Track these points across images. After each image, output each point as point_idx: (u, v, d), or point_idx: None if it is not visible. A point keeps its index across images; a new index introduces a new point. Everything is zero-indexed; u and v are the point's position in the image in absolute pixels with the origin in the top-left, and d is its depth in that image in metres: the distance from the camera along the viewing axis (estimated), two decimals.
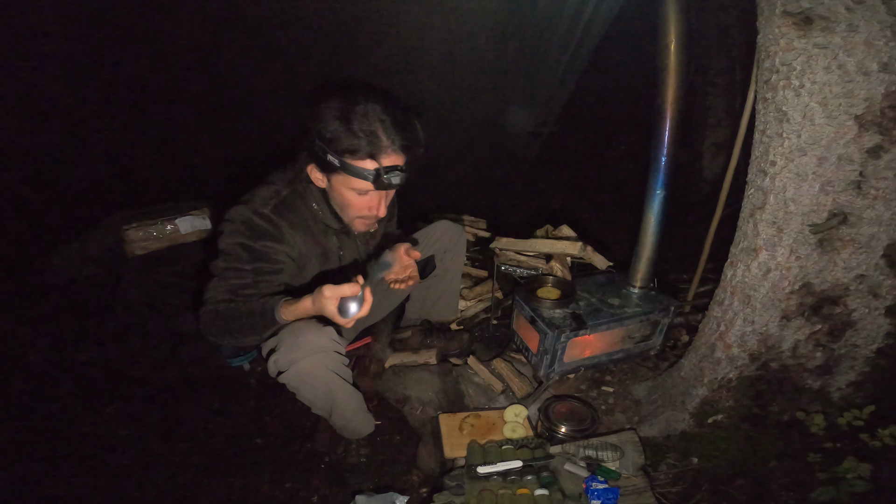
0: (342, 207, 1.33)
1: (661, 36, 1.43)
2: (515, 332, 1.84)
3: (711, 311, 1.47)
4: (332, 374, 1.30)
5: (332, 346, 1.26)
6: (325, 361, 1.27)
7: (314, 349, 1.23)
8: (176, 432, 1.75)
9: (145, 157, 2.71)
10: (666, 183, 1.55)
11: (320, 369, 1.27)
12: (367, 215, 1.33)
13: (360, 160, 1.19)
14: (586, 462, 1.36)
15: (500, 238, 2.02)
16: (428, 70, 2.33)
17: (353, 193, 1.27)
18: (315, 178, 1.30)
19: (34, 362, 1.97)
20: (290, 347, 1.22)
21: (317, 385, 1.29)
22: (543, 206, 3.90)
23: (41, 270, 2.22)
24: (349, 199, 1.28)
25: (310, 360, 1.23)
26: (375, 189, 1.25)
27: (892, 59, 1.08)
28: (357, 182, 1.22)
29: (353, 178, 1.21)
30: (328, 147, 1.19)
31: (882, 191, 1.16)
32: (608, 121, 5.22)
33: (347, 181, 1.23)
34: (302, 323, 1.24)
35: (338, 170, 1.21)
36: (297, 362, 1.22)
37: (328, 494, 1.53)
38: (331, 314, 1.07)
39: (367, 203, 1.29)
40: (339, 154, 1.18)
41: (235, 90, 2.38)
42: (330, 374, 1.29)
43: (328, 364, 1.28)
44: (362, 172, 1.20)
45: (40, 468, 1.56)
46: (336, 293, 1.05)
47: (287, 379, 1.25)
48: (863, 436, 1.25)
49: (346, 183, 1.24)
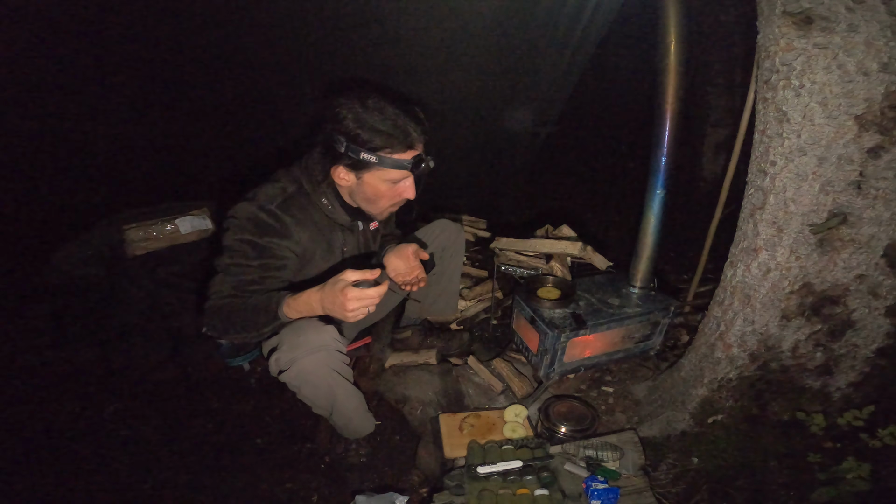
0: (373, 200, 1.36)
1: (661, 36, 1.43)
2: (515, 332, 1.84)
3: (711, 311, 1.47)
4: (334, 372, 1.30)
5: (334, 345, 1.26)
6: (327, 360, 1.27)
7: (315, 347, 1.23)
8: (176, 432, 1.75)
9: (145, 157, 2.72)
10: (666, 183, 1.55)
11: (322, 368, 1.27)
12: (399, 200, 1.39)
13: (398, 153, 1.26)
14: (586, 462, 1.36)
15: (500, 238, 2.02)
16: (428, 70, 2.33)
17: (388, 185, 1.32)
18: (341, 179, 1.33)
19: (34, 362, 1.97)
20: (291, 346, 1.22)
21: (318, 384, 1.30)
22: (543, 206, 3.90)
23: (41, 270, 2.22)
24: (383, 190, 1.33)
25: (311, 358, 1.23)
26: (414, 175, 1.32)
27: (892, 59, 1.08)
28: (395, 173, 1.29)
29: (391, 170, 1.28)
30: (362, 147, 1.24)
31: (882, 191, 1.16)
32: (608, 121, 5.23)
33: (385, 174, 1.29)
34: (304, 322, 1.24)
35: (374, 166, 1.27)
36: (298, 360, 1.22)
37: (328, 494, 1.53)
38: (341, 304, 1.10)
39: (400, 190, 1.35)
40: (375, 151, 1.24)
41: (235, 90, 2.38)
42: (331, 373, 1.30)
43: (329, 362, 1.28)
44: (402, 163, 1.27)
45: (40, 468, 1.56)
46: (351, 276, 1.11)
47: (288, 378, 1.25)
48: (863, 436, 1.25)
49: (383, 176, 1.30)
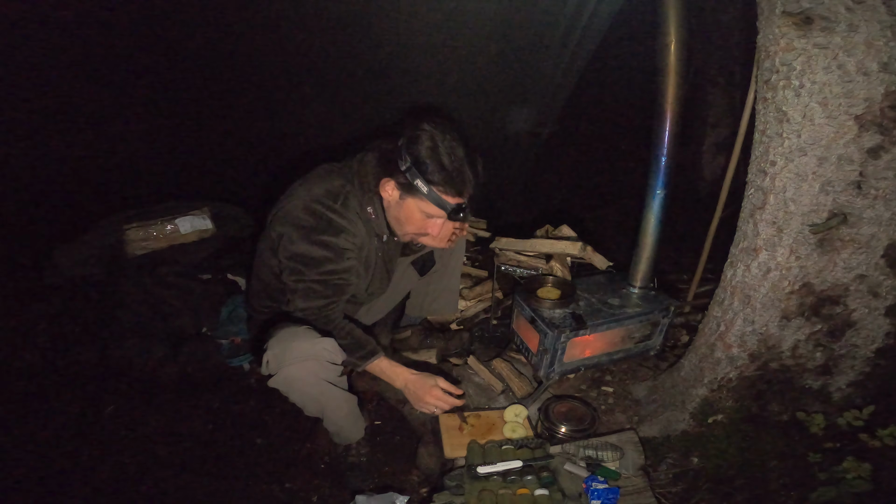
0: (402, 222, 1.37)
1: (661, 36, 1.43)
2: (515, 332, 1.84)
3: (711, 311, 1.47)
4: (322, 381, 1.30)
5: (325, 356, 1.26)
6: (315, 369, 1.26)
7: (304, 356, 1.23)
8: (176, 432, 1.74)
9: (145, 157, 2.72)
10: (666, 183, 1.55)
11: (309, 377, 1.27)
12: (423, 234, 1.38)
13: (448, 196, 1.27)
14: (586, 462, 1.36)
15: (500, 238, 2.02)
16: (428, 70, 2.33)
17: (422, 216, 1.33)
18: (386, 192, 1.34)
19: (34, 362, 1.97)
20: (281, 351, 1.22)
21: (305, 391, 1.30)
22: (543, 206, 3.90)
23: (41, 270, 2.22)
24: (417, 220, 1.34)
25: (298, 366, 1.23)
26: (448, 219, 1.33)
27: (892, 59, 1.08)
28: (434, 209, 1.29)
29: (432, 204, 1.28)
30: (421, 173, 1.24)
31: (882, 191, 1.16)
32: (608, 121, 5.22)
33: (425, 206, 1.30)
34: (298, 329, 1.25)
35: (421, 195, 1.27)
36: (285, 367, 1.22)
37: (328, 494, 1.53)
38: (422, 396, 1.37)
39: (430, 226, 1.35)
40: (430, 183, 1.25)
41: (236, 90, 2.38)
42: (319, 382, 1.29)
43: (318, 372, 1.28)
44: (444, 204, 1.28)
45: (40, 468, 1.56)
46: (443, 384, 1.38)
47: (276, 383, 1.26)
48: (863, 436, 1.25)
49: (423, 207, 1.30)
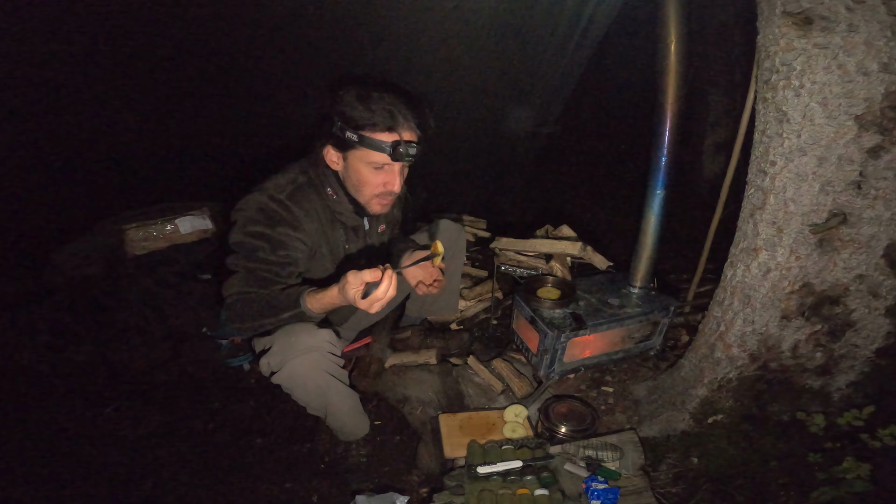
0: (358, 186, 1.35)
1: (662, 36, 1.43)
2: (515, 332, 1.84)
3: (711, 311, 1.47)
4: (326, 374, 1.30)
5: (326, 347, 1.26)
6: (319, 361, 1.27)
7: (307, 349, 1.23)
8: (176, 432, 1.74)
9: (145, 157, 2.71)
10: (666, 183, 1.55)
11: (313, 369, 1.27)
12: (384, 192, 1.35)
13: (378, 133, 1.24)
14: (586, 462, 1.36)
15: (500, 238, 2.02)
16: (427, 70, 2.33)
17: (369, 169, 1.30)
18: (331, 161, 1.33)
19: (34, 362, 1.97)
20: (282, 347, 1.22)
21: (309, 385, 1.30)
22: (543, 206, 3.90)
23: (41, 270, 2.22)
24: (365, 175, 1.31)
25: (302, 359, 1.23)
26: (393, 161, 1.28)
27: (892, 59, 1.08)
28: (375, 155, 1.26)
29: (371, 151, 1.26)
30: (347, 124, 1.24)
31: (882, 191, 1.16)
32: (608, 121, 5.23)
33: (365, 155, 1.27)
34: (297, 325, 1.24)
35: (356, 145, 1.26)
36: (289, 362, 1.22)
37: (328, 494, 1.53)
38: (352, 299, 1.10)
39: (383, 179, 1.32)
40: (358, 129, 1.24)
41: (235, 90, 2.38)
42: (323, 375, 1.29)
43: (321, 364, 1.28)
44: (380, 145, 1.25)
45: (40, 468, 1.56)
46: (358, 279, 1.09)
47: (280, 379, 1.25)
48: (863, 436, 1.25)
49: (364, 157, 1.28)
